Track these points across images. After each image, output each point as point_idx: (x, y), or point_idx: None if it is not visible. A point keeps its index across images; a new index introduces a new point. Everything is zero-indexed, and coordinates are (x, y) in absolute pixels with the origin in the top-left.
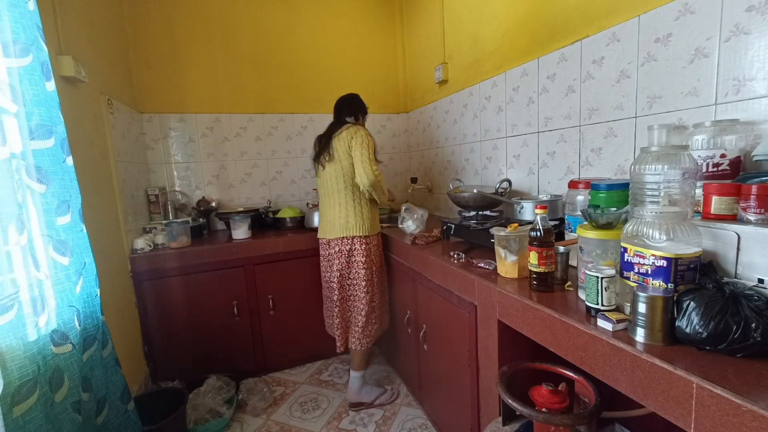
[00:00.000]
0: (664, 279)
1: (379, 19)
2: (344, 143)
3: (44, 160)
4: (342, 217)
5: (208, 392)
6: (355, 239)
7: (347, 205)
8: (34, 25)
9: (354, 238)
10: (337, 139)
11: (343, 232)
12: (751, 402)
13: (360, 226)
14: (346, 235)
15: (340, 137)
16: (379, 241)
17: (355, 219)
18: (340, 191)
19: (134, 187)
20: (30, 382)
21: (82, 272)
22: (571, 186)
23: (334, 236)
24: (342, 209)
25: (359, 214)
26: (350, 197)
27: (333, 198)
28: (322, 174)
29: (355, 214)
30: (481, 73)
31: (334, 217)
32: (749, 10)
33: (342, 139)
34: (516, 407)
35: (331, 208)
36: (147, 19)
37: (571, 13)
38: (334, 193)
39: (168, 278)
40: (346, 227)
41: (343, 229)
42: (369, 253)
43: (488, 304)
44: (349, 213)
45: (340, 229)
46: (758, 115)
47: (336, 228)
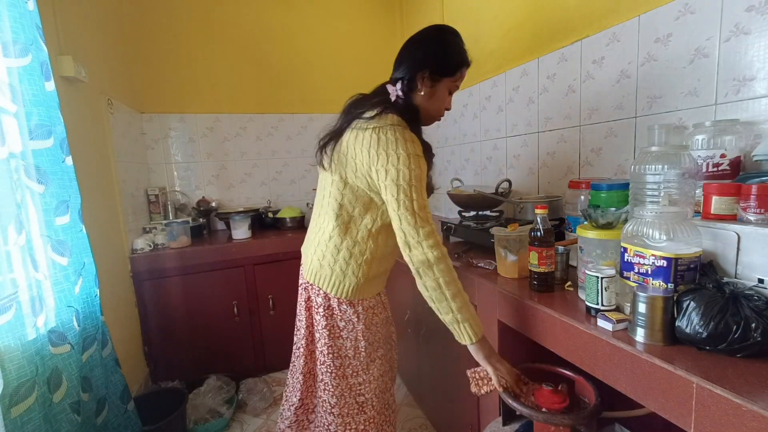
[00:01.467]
0: (664, 279)
1: (379, 19)
2: (362, 157)
3: (43, 160)
4: (317, 253)
5: (208, 392)
6: (321, 293)
7: (329, 242)
8: (33, 25)
9: (320, 292)
10: (354, 136)
11: (310, 275)
12: (751, 402)
13: (337, 284)
14: (312, 281)
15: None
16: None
17: (332, 268)
18: (328, 216)
19: (134, 187)
20: (28, 382)
21: (82, 272)
22: (571, 186)
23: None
24: (321, 242)
25: (341, 265)
26: (339, 233)
27: (317, 215)
28: (321, 175)
29: (334, 261)
30: (481, 73)
31: (310, 242)
32: (749, 10)
33: (359, 146)
34: (516, 407)
35: (313, 230)
36: (147, 19)
37: (571, 13)
38: (321, 211)
39: (168, 278)
40: (317, 272)
41: (312, 272)
42: (354, 320)
43: (488, 304)
44: (327, 254)
45: (309, 268)
46: (758, 115)
47: (306, 262)
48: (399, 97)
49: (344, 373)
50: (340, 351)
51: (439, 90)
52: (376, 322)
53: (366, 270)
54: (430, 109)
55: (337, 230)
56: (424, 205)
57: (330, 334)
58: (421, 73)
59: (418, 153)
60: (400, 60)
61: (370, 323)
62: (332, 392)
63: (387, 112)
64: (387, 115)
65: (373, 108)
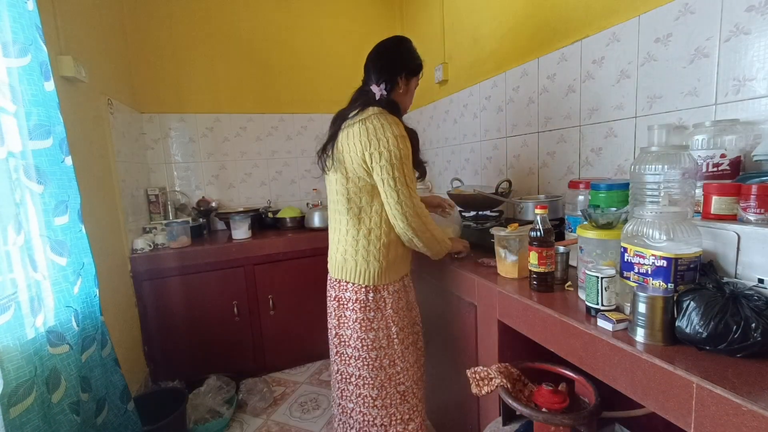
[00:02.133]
0: (664, 279)
1: (379, 19)
2: (357, 148)
3: (42, 161)
4: (339, 250)
5: (208, 392)
6: (349, 286)
7: (347, 235)
8: (33, 25)
9: (348, 285)
10: (345, 134)
11: (335, 271)
12: (751, 402)
13: (362, 272)
14: (340, 277)
15: (351, 133)
16: (404, 289)
17: (355, 258)
18: (341, 212)
19: (134, 187)
20: (27, 383)
21: (81, 272)
22: (571, 186)
23: (330, 273)
24: (341, 239)
25: (362, 253)
26: (353, 224)
27: (334, 218)
28: (327, 179)
29: (355, 251)
30: (481, 73)
31: (332, 246)
32: (749, 10)
33: (354, 139)
34: (516, 407)
35: (332, 231)
36: (147, 19)
37: (571, 13)
38: (335, 211)
39: (168, 278)
40: (341, 266)
41: (337, 267)
42: (381, 307)
43: (488, 304)
44: (348, 248)
45: (334, 266)
46: (758, 115)
47: (332, 262)
48: (382, 96)
49: (381, 364)
50: (374, 342)
51: (411, 87)
52: (401, 306)
53: (385, 253)
54: (404, 104)
55: (352, 222)
56: (412, 178)
57: (361, 326)
58: (398, 76)
59: (403, 134)
60: (377, 66)
61: (398, 308)
62: (372, 385)
63: (368, 105)
64: (368, 108)
65: (356, 108)
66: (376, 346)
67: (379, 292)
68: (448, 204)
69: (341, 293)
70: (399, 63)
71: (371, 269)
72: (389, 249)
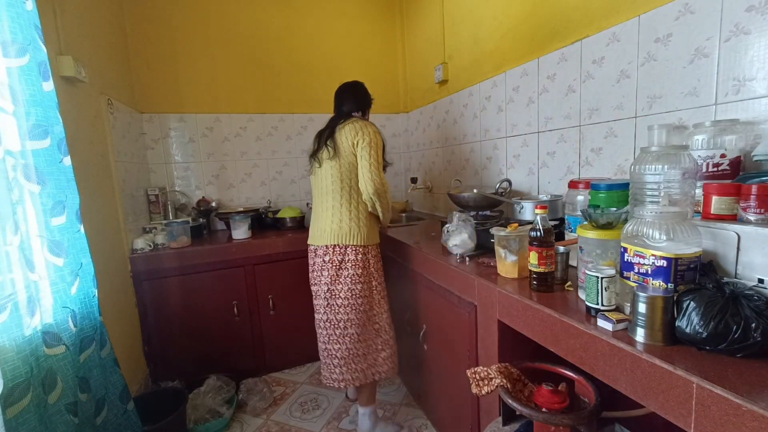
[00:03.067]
0: (664, 279)
1: (379, 19)
2: (348, 138)
3: (40, 161)
4: (335, 221)
5: (208, 392)
6: (348, 248)
7: (342, 208)
8: (31, 25)
9: (347, 248)
10: (339, 131)
11: (333, 239)
12: (751, 402)
13: (355, 234)
14: (337, 242)
15: (344, 130)
16: (378, 254)
17: (349, 225)
18: (335, 192)
19: (134, 187)
20: (23, 383)
21: (79, 273)
22: (571, 186)
23: (323, 242)
24: (336, 212)
25: (355, 220)
26: (346, 200)
27: (326, 199)
28: (318, 172)
29: (350, 219)
30: (481, 73)
31: (326, 221)
32: (749, 10)
33: (346, 133)
34: (516, 407)
35: (323, 211)
36: (147, 19)
37: (571, 13)
38: (328, 193)
39: (168, 278)
40: (338, 234)
41: (334, 235)
42: (366, 265)
43: (488, 304)
44: (344, 217)
45: (331, 235)
46: (758, 115)
47: (326, 234)
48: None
49: (364, 308)
50: (361, 292)
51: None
52: (378, 267)
53: (367, 221)
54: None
55: (345, 198)
56: (380, 161)
57: (352, 280)
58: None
59: (377, 131)
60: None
61: (377, 267)
62: (357, 324)
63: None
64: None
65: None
66: (362, 295)
67: (367, 253)
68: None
69: (338, 256)
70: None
71: (362, 232)
72: (369, 218)
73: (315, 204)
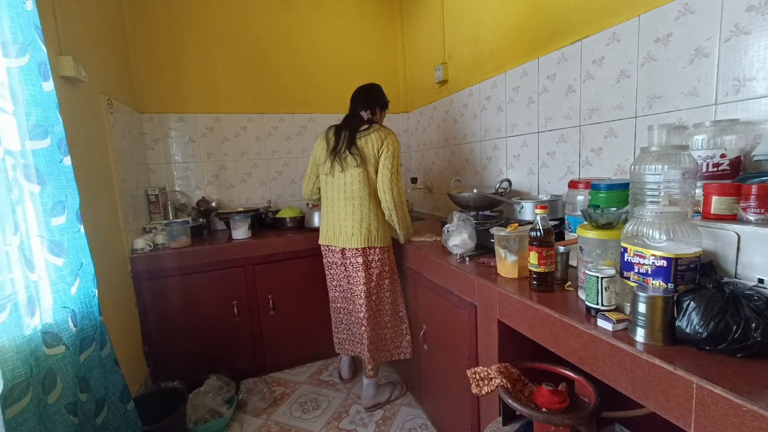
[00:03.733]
0: (664, 279)
1: (379, 19)
2: (375, 146)
3: (40, 161)
4: (364, 225)
5: (208, 392)
6: (376, 249)
7: (370, 213)
8: (31, 25)
9: (375, 249)
10: (365, 140)
11: (364, 242)
12: (751, 402)
13: (382, 237)
14: (368, 245)
15: (369, 138)
16: (393, 252)
17: (377, 228)
18: (363, 197)
19: (134, 187)
20: (23, 383)
21: (79, 273)
22: (571, 186)
23: (353, 246)
24: (365, 217)
25: (382, 223)
26: (374, 204)
27: (354, 204)
28: (341, 176)
29: (377, 222)
30: (481, 73)
31: (354, 225)
32: (749, 10)
33: (371, 142)
34: (516, 407)
35: (351, 215)
36: (147, 19)
37: (571, 13)
38: (356, 199)
39: (168, 278)
40: (368, 237)
41: (364, 239)
42: (390, 262)
43: (488, 304)
44: (372, 221)
45: (362, 239)
46: (758, 115)
47: (356, 238)
48: (369, 119)
49: (392, 299)
50: (389, 286)
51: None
52: (395, 264)
53: (385, 222)
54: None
55: (374, 202)
56: (399, 173)
57: (381, 277)
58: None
59: (397, 140)
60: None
61: (395, 264)
62: (388, 314)
63: (372, 123)
64: (374, 125)
65: (364, 125)
66: (389, 289)
67: (389, 252)
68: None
69: (368, 257)
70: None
71: (385, 235)
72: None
73: (334, 206)
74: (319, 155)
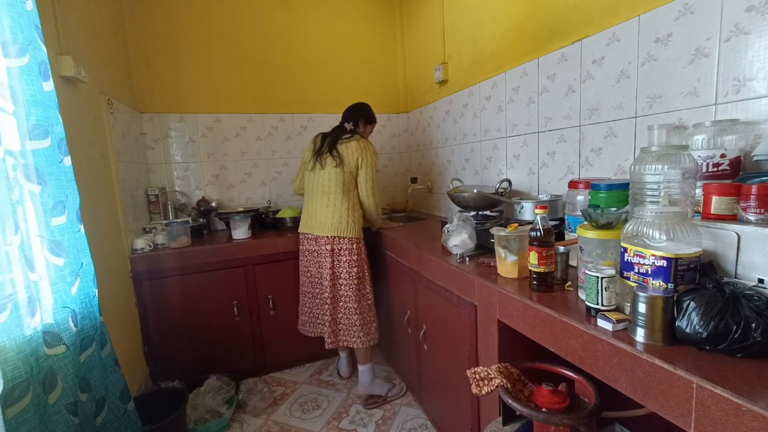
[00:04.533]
0: (664, 279)
1: (379, 19)
2: (353, 155)
3: (40, 161)
4: (336, 217)
5: (208, 392)
6: (344, 240)
7: (342, 207)
8: (32, 25)
9: (344, 239)
10: (345, 147)
11: (335, 232)
12: (751, 402)
13: (351, 229)
14: (337, 234)
15: (349, 146)
16: (364, 246)
17: (347, 220)
18: (337, 193)
19: (134, 187)
20: (23, 383)
21: (79, 273)
22: (571, 186)
23: (324, 234)
24: (337, 210)
25: (352, 218)
26: (345, 200)
27: (329, 198)
28: (321, 173)
29: (348, 216)
30: (481, 73)
31: (327, 216)
32: (749, 10)
33: (351, 150)
34: (516, 407)
35: (325, 207)
36: (147, 19)
37: (571, 13)
38: (331, 193)
39: (168, 278)
40: (338, 227)
41: (335, 228)
42: (360, 253)
43: (488, 304)
44: (343, 215)
45: (333, 228)
46: (758, 115)
47: (327, 226)
48: (351, 129)
49: (359, 287)
50: (357, 275)
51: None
52: (366, 256)
53: (359, 218)
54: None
55: (345, 199)
56: (375, 180)
57: (349, 265)
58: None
59: (375, 152)
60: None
61: (365, 256)
62: (354, 300)
63: (354, 134)
64: (356, 135)
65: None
66: (358, 277)
67: (359, 243)
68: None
69: (337, 245)
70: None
71: (356, 227)
72: (360, 217)
73: (313, 199)
74: (306, 155)
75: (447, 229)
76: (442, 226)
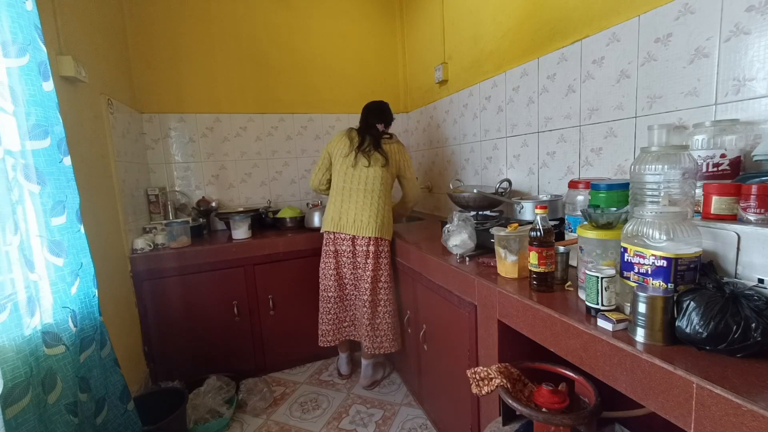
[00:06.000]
0: (664, 279)
1: (379, 19)
2: (397, 156)
3: (40, 161)
4: (380, 217)
5: (208, 392)
6: (386, 241)
7: (385, 207)
8: (31, 25)
9: (385, 241)
10: (389, 147)
11: (378, 233)
12: (751, 402)
13: (389, 230)
14: (381, 235)
15: (392, 148)
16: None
17: (388, 221)
18: (380, 192)
19: (134, 187)
20: (23, 383)
21: (79, 273)
22: (571, 186)
23: (367, 234)
24: (380, 210)
25: (389, 219)
26: (385, 201)
27: (372, 197)
28: (365, 170)
29: (388, 216)
30: (481, 73)
31: (371, 216)
32: (749, 10)
33: (394, 152)
34: (516, 407)
35: (368, 206)
36: (147, 19)
37: (571, 13)
38: (375, 192)
39: (168, 278)
40: (380, 228)
41: (379, 229)
42: (393, 254)
43: (488, 304)
44: (385, 215)
45: (377, 228)
46: (758, 115)
47: (372, 227)
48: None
49: (390, 291)
50: (391, 276)
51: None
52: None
53: (391, 217)
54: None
55: (388, 199)
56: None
57: (388, 268)
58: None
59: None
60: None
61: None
62: (390, 300)
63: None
64: (394, 137)
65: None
66: (392, 278)
67: (389, 246)
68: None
69: (378, 246)
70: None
71: (391, 229)
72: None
73: (350, 196)
74: (341, 149)
75: (447, 229)
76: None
